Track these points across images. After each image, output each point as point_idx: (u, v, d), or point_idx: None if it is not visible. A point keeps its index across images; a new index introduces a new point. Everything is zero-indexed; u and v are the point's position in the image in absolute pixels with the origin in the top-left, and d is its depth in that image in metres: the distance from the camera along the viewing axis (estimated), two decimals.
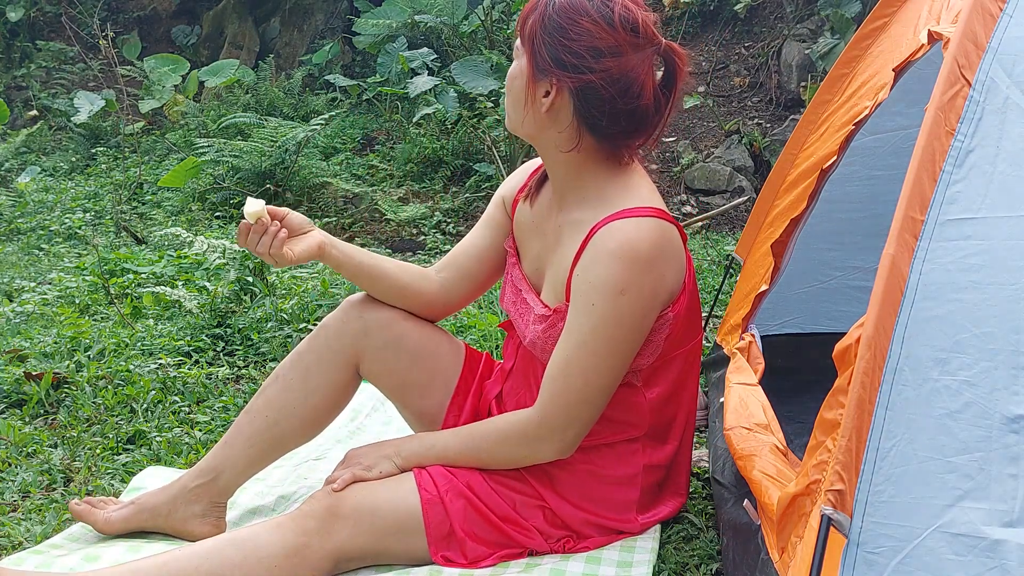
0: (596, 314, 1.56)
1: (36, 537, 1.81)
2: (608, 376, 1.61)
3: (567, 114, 1.60)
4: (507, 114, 1.69)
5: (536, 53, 1.58)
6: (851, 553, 1.08)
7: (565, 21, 1.55)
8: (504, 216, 1.88)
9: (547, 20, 1.57)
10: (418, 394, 1.85)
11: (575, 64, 1.55)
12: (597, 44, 1.54)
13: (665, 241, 1.58)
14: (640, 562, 1.63)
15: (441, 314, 1.90)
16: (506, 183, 1.91)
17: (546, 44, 1.57)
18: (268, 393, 1.80)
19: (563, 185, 1.70)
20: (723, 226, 4.86)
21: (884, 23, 2.09)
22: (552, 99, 1.59)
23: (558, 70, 1.57)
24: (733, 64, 6.03)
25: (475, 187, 5.20)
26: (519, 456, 1.66)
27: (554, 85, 1.58)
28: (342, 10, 7.41)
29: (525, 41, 1.61)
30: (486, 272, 1.90)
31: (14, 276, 3.98)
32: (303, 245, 1.73)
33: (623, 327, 1.57)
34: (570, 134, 1.62)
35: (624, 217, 1.58)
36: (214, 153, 5.20)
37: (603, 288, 1.55)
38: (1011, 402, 1.10)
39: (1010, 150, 1.23)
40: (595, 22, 1.54)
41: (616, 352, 1.59)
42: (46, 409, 2.49)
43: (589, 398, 1.61)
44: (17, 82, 7.57)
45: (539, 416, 1.63)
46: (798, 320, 2.67)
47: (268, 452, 1.80)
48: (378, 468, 1.67)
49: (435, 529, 1.62)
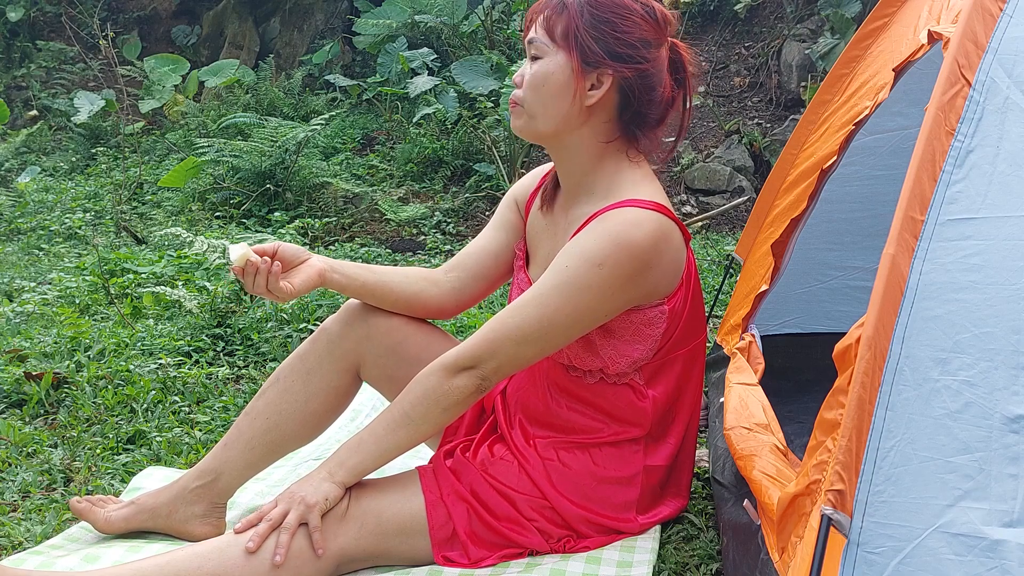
0: (565, 274, 1.57)
1: (36, 537, 1.81)
2: (546, 333, 1.58)
3: (610, 107, 1.64)
4: (533, 113, 1.65)
5: (584, 47, 1.59)
6: (851, 553, 1.08)
7: (613, 15, 1.60)
8: (517, 217, 1.89)
9: (591, 15, 1.60)
10: None
11: (630, 55, 1.60)
12: (646, 36, 1.62)
13: (661, 236, 1.58)
14: (640, 562, 1.63)
15: (452, 313, 1.90)
16: (517, 185, 1.92)
17: (595, 38, 1.59)
18: (268, 395, 1.80)
19: (577, 182, 1.70)
20: (723, 226, 4.86)
21: (884, 23, 2.08)
22: (601, 92, 1.61)
23: (613, 62, 1.60)
24: (733, 64, 6.03)
25: (475, 187, 5.20)
26: (441, 392, 1.58)
27: (606, 77, 1.61)
28: (342, 10, 7.41)
29: (561, 37, 1.61)
30: (500, 272, 1.90)
31: (14, 276, 3.98)
32: (302, 276, 1.72)
33: (585, 296, 1.56)
34: (608, 127, 1.66)
35: (627, 206, 1.59)
36: (214, 153, 5.20)
37: (582, 255, 1.56)
38: (1011, 402, 1.10)
39: (1010, 150, 1.23)
40: (642, 17, 1.61)
41: (567, 316, 1.57)
42: (46, 409, 2.49)
43: (516, 341, 1.57)
44: (17, 82, 7.57)
45: (461, 346, 1.60)
46: (798, 320, 2.67)
47: (268, 454, 1.80)
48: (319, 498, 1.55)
49: (438, 530, 1.62)
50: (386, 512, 1.61)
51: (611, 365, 1.67)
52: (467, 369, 1.59)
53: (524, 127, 1.68)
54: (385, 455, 1.62)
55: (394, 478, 1.69)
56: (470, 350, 1.59)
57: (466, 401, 1.61)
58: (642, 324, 1.65)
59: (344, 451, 1.62)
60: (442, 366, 1.60)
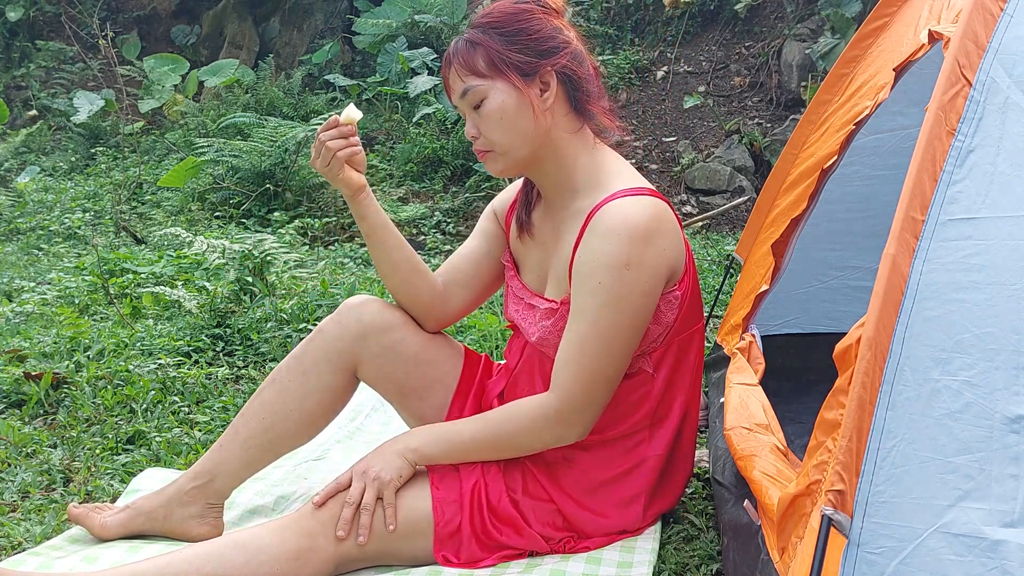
0: (604, 291, 1.57)
1: (36, 538, 1.80)
2: (621, 353, 1.62)
3: (562, 99, 1.67)
4: (506, 149, 1.66)
5: (514, 64, 1.62)
6: (851, 553, 1.08)
7: (519, 23, 1.64)
8: (497, 227, 1.90)
9: (500, 35, 1.63)
10: (417, 398, 1.85)
11: (553, 47, 1.64)
12: (554, 22, 1.67)
13: (662, 216, 1.60)
14: (640, 562, 1.63)
15: (438, 323, 1.88)
16: (497, 199, 1.94)
17: (518, 50, 1.62)
18: (264, 396, 1.79)
19: (559, 187, 1.71)
20: (723, 226, 4.86)
21: (885, 23, 2.08)
22: (551, 91, 1.64)
23: (546, 59, 1.63)
24: (733, 64, 6.03)
25: (475, 187, 5.20)
26: (542, 441, 1.65)
27: (548, 76, 1.64)
28: (342, 10, 7.41)
29: (488, 69, 1.62)
30: (482, 282, 1.91)
31: (14, 276, 3.98)
32: (353, 175, 1.75)
33: (631, 302, 1.58)
34: (569, 119, 1.68)
35: (619, 197, 1.60)
36: (214, 153, 5.20)
37: (608, 265, 1.57)
38: (1012, 402, 1.10)
39: (1011, 150, 1.23)
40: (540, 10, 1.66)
41: (626, 328, 1.60)
42: (46, 409, 2.49)
43: (605, 377, 1.62)
44: (17, 82, 7.58)
45: (559, 399, 1.62)
46: (798, 320, 2.67)
47: (263, 455, 1.79)
48: (394, 475, 1.61)
49: (442, 529, 1.62)
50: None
51: None
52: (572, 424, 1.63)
53: (506, 166, 1.68)
54: (458, 459, 1.67)
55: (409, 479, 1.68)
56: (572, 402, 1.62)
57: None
58: (661, 311, 1.66)
59: (424, 435, 1.67)
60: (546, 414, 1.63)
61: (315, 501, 1.58)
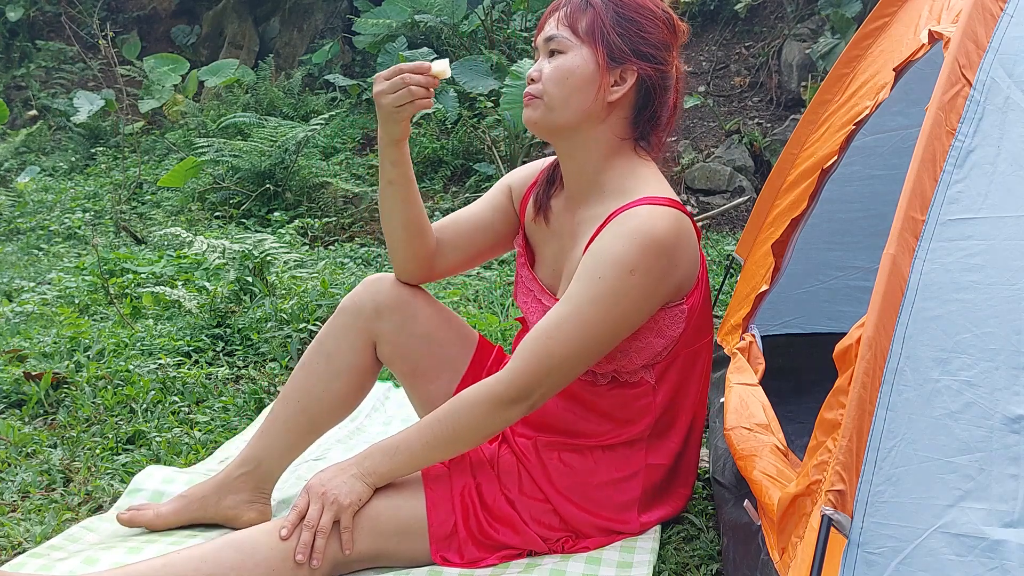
0: (601, 286, 1.56)
1: (36, 538, 1.80)
2: (590, 349, 1.59)
3: (628, 104, 1.67)
4: (552, 106, 1.64)
5: (610, 43, 1.62)
6: (851, 554, 1.08)
7: (638, 15, 1.64)
8: (508, 203, 1.89)
9: (616, 13, 1.63)
10: (427, 380, 1.86)
11: (652, 55, 1.65)
12: (666, 39, 1.67)
13: (682, 231, 1.59)
14: (640, 562, 1.63)
15: (421, 278, 1.87)
16: (515, 173, 1.91)
17: (621, 35, 1.63)
18: (296, 379, 1.84)
19: (588, 180, 1.70)
20: (723, 226, 4.86)
21: (885, 23, 2.08)
22: (623, 88, 1.64)
23: (638, 60, 1.63)
24: (733, 64, 6.03)
25: (475, 187, 5.20)
26: (491, 423, 1.60)
27: (630, 74, 1.64)
28: (342, 10, 7.40)
29: (586, 33, 1.62)
30: (477, 249, 1.90)
31: (14, 276, 3.98)
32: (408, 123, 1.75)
33: (623, 306, 1.57)
34: (624, 125, 1.68)
35: (643, 204, 1.59)
36: (214, 153, 5.20)
37: (614, 263, 1.55)
38: (1012, 402, 1.10)
39: (1011, 150, 1.23)
40: (664, 21, 1.67)
41: (608, 328, 1.58)
42: (46, 409, 2.49)
43: (566, 367, 1.58)
44: (17, 82, 7.58)
45: (510, 377, 1.58)
46: (798, 320, 2.67)
47: (304, 436, 1.85)
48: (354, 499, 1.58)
49: (438, 529, 1.62)
50: (384, 513, 1.61)
51: (627, 365, 1.67)
52: (518, 402, 1.59)
53: (541, 119, 1.66)
54: (418, 467, 1.65)
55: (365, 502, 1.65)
56: (519, 381, 1.57)
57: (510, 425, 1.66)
58: (665, 324, 1.65)
59: (378, 456, 1.62)
60: (491, 398, 1.58)
61: (282, 535, 1.54)
